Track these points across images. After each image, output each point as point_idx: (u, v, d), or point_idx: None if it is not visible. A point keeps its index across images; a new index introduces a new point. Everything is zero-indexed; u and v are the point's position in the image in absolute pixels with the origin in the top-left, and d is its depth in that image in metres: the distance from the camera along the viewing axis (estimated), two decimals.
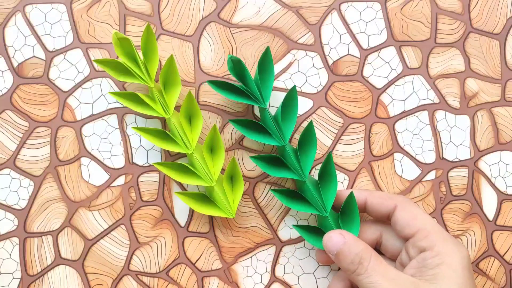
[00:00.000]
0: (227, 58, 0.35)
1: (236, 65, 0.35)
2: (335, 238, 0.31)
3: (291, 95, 0.35)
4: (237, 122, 0.35)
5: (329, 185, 0.34)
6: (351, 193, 0.33)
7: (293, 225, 0.34)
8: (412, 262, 0.30)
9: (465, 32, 0.38)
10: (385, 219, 0.33)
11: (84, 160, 0.37)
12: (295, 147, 0.35)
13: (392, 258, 0.33)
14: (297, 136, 0.38)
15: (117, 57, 0.37)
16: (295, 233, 0.37)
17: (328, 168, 0.34)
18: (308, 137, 0.35)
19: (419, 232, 0.30)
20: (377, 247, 0.34)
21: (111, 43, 0.38)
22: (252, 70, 0.37)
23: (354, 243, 0.30)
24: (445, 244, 0.29)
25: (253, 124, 0.35)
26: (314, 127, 0.35)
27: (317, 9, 0.38)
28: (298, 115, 0.38)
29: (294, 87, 0.34)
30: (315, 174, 0.37)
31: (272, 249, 0.37)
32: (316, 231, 0.35)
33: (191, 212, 0.37)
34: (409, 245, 0.31)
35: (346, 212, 0.34)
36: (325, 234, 0.32)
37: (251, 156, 0.34)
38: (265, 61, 0.35)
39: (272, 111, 0.38)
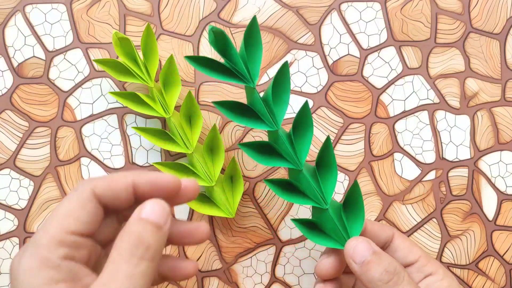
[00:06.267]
0: (208, 29, 0.30)
1: (219, 38, 0.30)
2: (361, 246, 0.29)
3: (283, 72, 0.30)
4: (221, 105, 0.30)
5: (328, 173, 0.31)
6: (355, 182, 0.30)
7: (292, 219, 0.30)
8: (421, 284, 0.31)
9: (465, 32, 0.38)
10: (379, 246, 0.32)
11: (84, 160, 0.37)
12: (288, 131, 0.31)
13: None
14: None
15: (117, 57, 0.37)
16: (295, 233, 0.37)
17: (326, 154, 0.30)
18: (303, 119, 0.30)
19: (421, 258, 0.31)
20: None
21: (111, 43, 0.38)
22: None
23: (385, 253, 0.29)
24: (444, 269, 0.31)
25: (241, 107, 0.31)
26: (314, 125, 0.35)
27: (317, 9, 0.38)
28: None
29: (286, 62, 0.30)
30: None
31: (272, 249, 0.37)
32: (314, 227, 0.31)
33: (191, 212, 0.37)
34: (413, 270, 0.31)
35: (349, 204, 0.30)
36: (348, 241, 0.29)
37: (240, 144, 0.31)
38: (252, 33, 0.30)
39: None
